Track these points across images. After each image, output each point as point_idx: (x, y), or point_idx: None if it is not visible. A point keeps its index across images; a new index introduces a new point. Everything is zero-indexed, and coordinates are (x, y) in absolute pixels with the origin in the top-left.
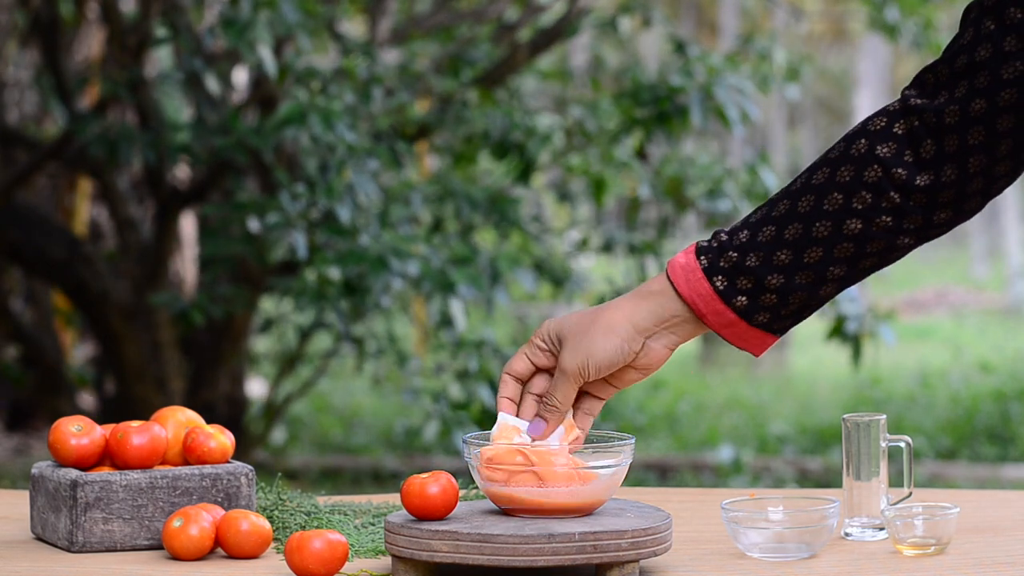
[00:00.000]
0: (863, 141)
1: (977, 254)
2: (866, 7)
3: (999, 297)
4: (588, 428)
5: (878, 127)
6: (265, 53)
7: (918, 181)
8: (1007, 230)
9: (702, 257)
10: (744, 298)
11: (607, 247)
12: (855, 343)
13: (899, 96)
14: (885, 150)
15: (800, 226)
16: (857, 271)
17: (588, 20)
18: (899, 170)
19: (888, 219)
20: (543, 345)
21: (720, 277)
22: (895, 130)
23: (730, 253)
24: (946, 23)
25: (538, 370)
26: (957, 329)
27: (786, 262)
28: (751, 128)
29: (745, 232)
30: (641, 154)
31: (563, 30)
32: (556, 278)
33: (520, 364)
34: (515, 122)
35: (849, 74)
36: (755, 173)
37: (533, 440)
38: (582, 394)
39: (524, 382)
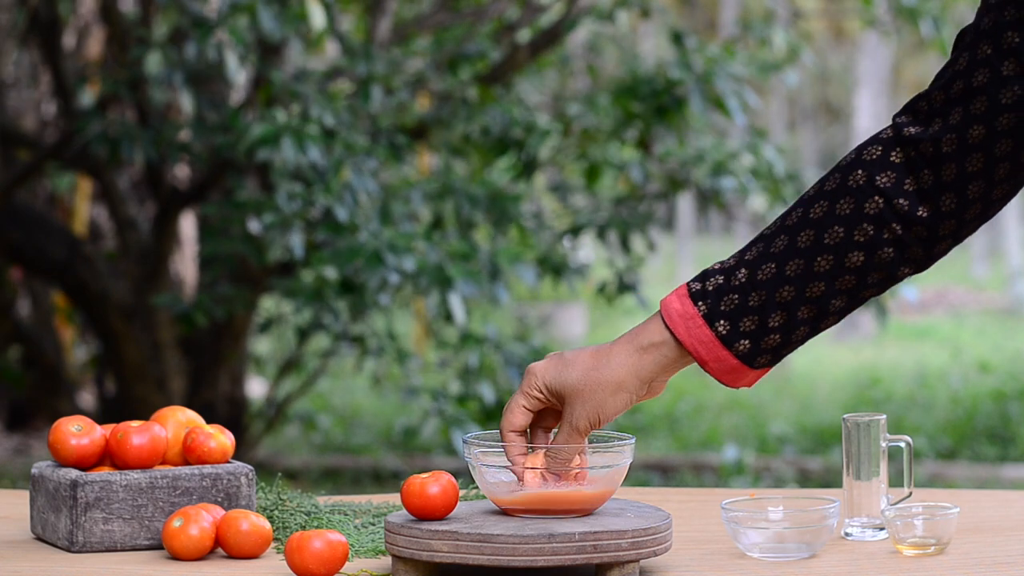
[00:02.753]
0: (860, 172)
1: (977, 254)
2: (867, 6)
3: (999, 297)
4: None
5: (874, 156)
6: (232, 60)
7: (920, 212)
8: (1007, 230)
9: (700, 303)
10: (747, 341)
11: (601, 234)
12: (877, 303)
13: (891, 123)
14: (885, 180)
15: (801, 262)
16: (856, 301)
17: (587, 16)
18: (901, 200)
19: (890, 250)
20: (540, 396)
21: (723, 322)
22: (892, 159)
23: (731, 296)
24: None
25: (534, 415)
26: (957, 329)
27: (789, 299)
28: (751, 122)
29: (743, 271)
30: (643, 146)
31: (563, 30)
32: (556, 268)
33: (521, 419)
34: (515, 119)
35: (849, 74)
36: (757, 152)
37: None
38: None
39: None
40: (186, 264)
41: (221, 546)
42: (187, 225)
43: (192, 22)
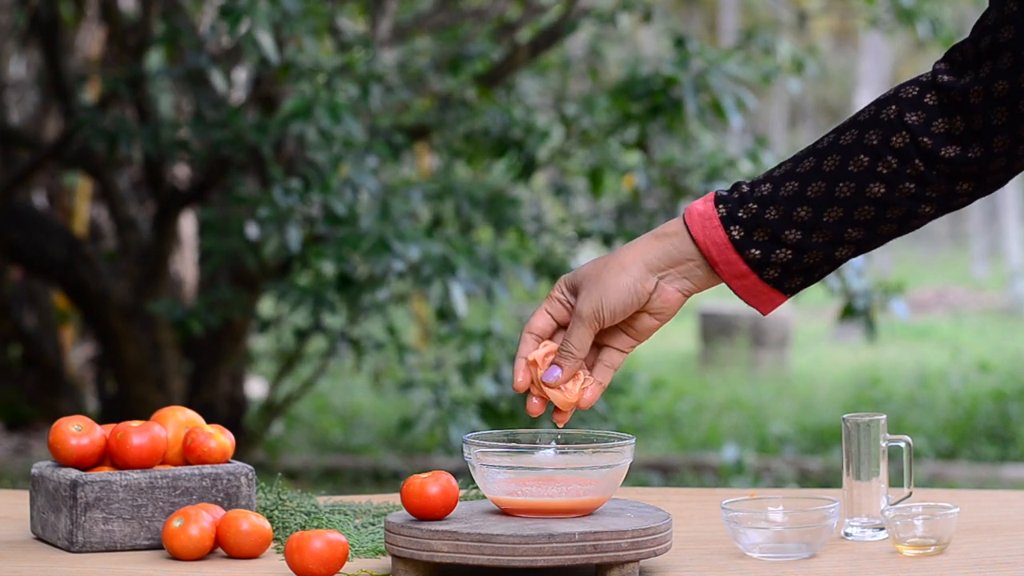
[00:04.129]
0: (893, 107)
1: (977, 254)
2: (869, 5)
3: (999, 297)
4: (608, 381)
5: (910, 95)
6: (265, 40)
7: (943, 152)
8: (1007, 230)
9: (720, 206)
10: (758, 251)
11: (605, 240)
12: (867, 317)
13: (931, 68)
14: (914, 118)
15: (823, 184)
16: (875, 236)
17: (588, 17)
18: (925, 139)
19: (911, 186)
20: (561, 298)
21: (737, 227)
22: (926, 100)
23: (750, 205)
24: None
25: (559, 326)
26: (957, 329)
27: (805, 219)
28: (750, 124)
29: (767, 185)
30: (641, 146)
31: (563, 30)
32: (553, 272)
33: (540, 321)
34: (514, 119)
35: (850, 74)
36: (757, 159)
37: (547, 386)
38: (602, 347)
39: (545, 340)
40: (186, 264)
41: (221, 546)
42: (187, 225)
43: (221, 13)
